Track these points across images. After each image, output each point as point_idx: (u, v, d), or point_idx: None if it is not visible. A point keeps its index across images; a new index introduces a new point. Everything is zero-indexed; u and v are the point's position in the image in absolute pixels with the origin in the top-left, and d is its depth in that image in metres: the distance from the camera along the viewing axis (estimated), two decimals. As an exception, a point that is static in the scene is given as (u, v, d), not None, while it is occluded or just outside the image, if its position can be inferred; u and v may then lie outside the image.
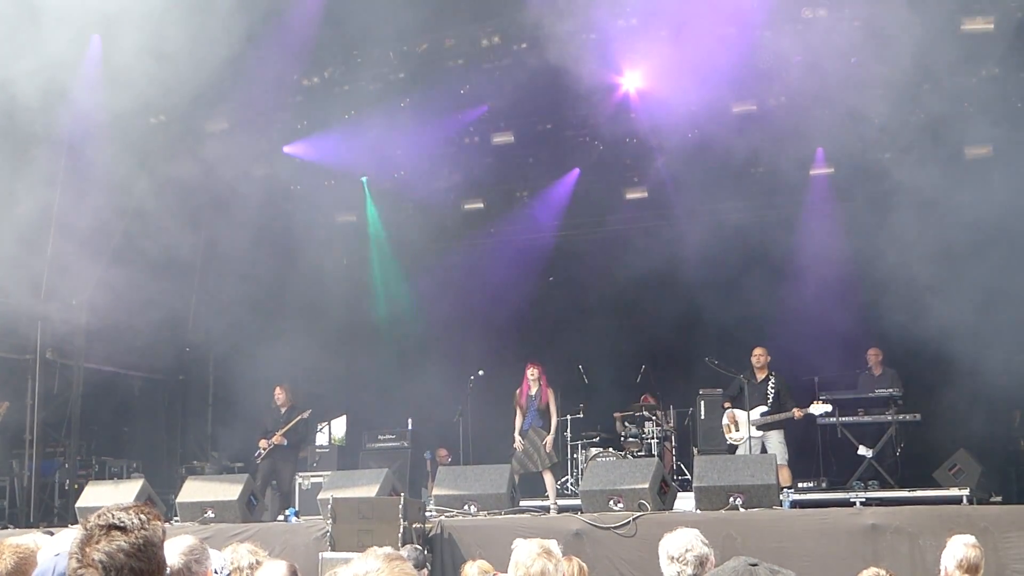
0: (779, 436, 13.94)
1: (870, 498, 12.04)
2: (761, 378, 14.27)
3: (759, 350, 14.44)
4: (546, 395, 13.90)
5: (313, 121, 17.33)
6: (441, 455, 17.50)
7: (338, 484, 12.33)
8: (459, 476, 12.39)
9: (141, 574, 2.89)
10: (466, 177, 18.43)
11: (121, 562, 2.86)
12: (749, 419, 13.87)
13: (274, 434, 14.93)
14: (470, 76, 16.02)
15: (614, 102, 16.01)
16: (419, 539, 10.25)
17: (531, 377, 14.01)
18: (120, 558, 2.86)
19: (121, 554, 2.87)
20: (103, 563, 2.85)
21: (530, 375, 14.02)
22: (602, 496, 10.90)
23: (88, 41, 13.83)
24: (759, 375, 14.30)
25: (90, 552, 2.87)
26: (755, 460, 11.70)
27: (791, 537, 9.65)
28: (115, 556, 2.86)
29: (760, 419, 13.88)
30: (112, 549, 2.86)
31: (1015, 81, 15.00)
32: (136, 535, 2.91)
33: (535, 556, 4.54)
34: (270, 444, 14.90)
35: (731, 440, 14.21)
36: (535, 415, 13.87)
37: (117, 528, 2.90)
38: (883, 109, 14.75)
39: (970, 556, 6.24)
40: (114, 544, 2.87)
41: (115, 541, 2.88)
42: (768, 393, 14.07)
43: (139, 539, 2.91)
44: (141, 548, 2.91)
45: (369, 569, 2.57)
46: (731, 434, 14.24)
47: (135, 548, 2.89)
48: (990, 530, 8.65)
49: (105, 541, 2.88)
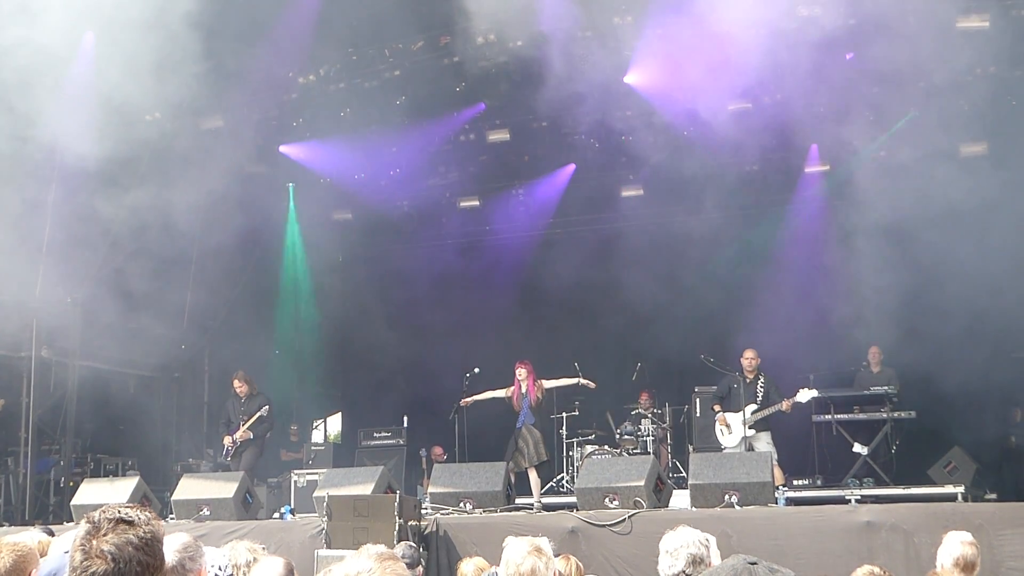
0: (767, 437, 14.06)
1: (865, 495, 12.06)
2: (751, 379, 14.37)
3: (750, 352, 14.53)
4: (535, 391, 14.14)
5: (308, 119, 17.32)
6: (436, 453, 17.51)
7: (334, 482, 12.31)
8: (455, 474, 12.39)
9: (147, 568, 2.90)
10: (462, 174, 18.43)
11: (130, 555, 2.87)
12: (744, 418, 13.91)
13: (238, 428, 14.81)
14: (466, 73, 16.03)
15: (610, 100, 16.00)
16: (415, 537, 10.25)
17: (520, 376, 14.28)
18: (129, 551, 2.87)
19: (130, 547, 2.87)
20: (112, 555, 2.85)
21: (519, 374, 14.30)
22: (598, 494, 10.90)
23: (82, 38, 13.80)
24: (748, 376, 14.40)
25: (98, 544, 2.87)
26: (750, 458, 11.72)
27: (786, 535, 9.66)
28: (124, 548, 2.87)
29: (752, 417, 13.95)
30: (121, 542, 2.87)
31: (1010, 79, 15.02)
32: (144, 529, 2.93)
33: (526, 554, 4.54)
34: (235, 442, 14.79)
35: (725, 445, 14.25)
36: (528, 413, 14.12)
37: (125, 522, 2.91)
38: (878, 106, 14.78)
39: (966, 553, 6.24)
40: (123, 537, 2.88)
41: (124, 534, 2.89)
42: (758, 392, 14.15)
43: (147, 533, 2.93)
44: (148, 543, 2.92)
45: (361, 569, 2.56)
46: (724, 438, 14.30)
47: (143, 542, 2.90)
48: (985, 527, 8.65)
49: (113, 534, 2.88)
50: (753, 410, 14.04)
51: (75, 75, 13.89)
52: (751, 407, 14.07)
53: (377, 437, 17.90)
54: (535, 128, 17.62)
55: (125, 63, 12.72)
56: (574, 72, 14.44)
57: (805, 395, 13.89)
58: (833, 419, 14.91)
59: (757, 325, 16.06)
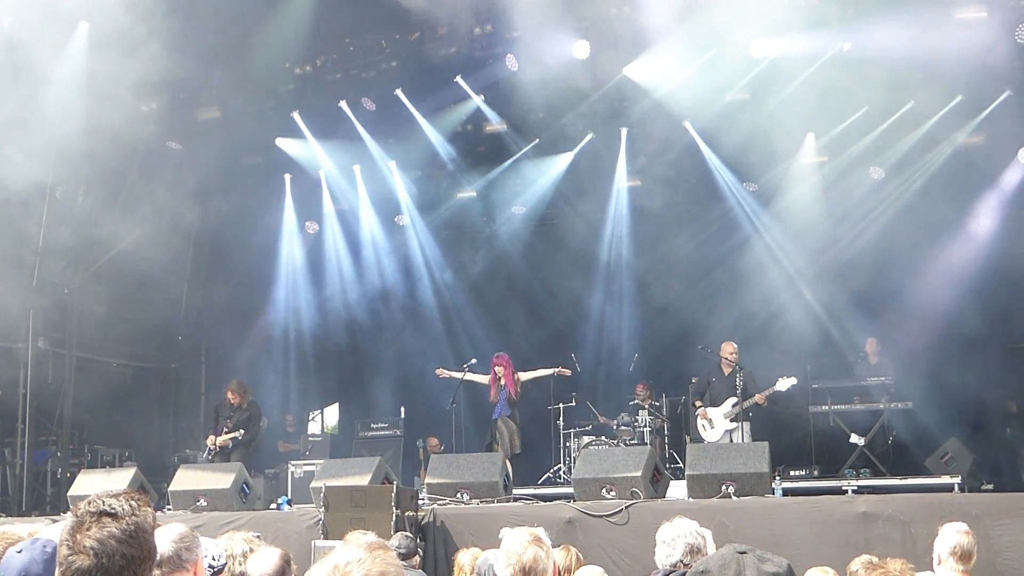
0: (748, 428, 14.18)
1: (862, 486, 12.06)
2: (728, 372, 14.38)
3: (729, 346, 14.57)
4: (512, 384, 14.55)
5: (305, 109, 17.28)
6: (432, 444, 17.49)
7: (331, 472, 12.30)
8: (452, 464, 12.38)
9: (132, 560, 2.88)
10: (459, 165, 18.39)
11: (112, 548, 2.85)
12: (741, 410, 13.92)
13: (223, 432, 14.78)
14: (463, 64, 16.00)
15: (607, 90, 15.98)
16: (412, 527, 10.25)
17: (498, 371, 14.71)
18: (111, 544, 2.85)
19: (112, 540, 2.85)
20: (94, 550, 2.83)
21: (497, 369, 14.70)
22: (595, 484, 10.90)
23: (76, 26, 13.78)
24: (726, 370, 14.43)
25: (81, 539, 2.85)
26: (747, 448, 11.71)
27: (783, 525, 9.66)
28: (106, 543, 2.85)
29: (733, 410, 14.01)
30: (103, 536, 2.85)
31: (1007, 70, 14.99)
32: (127, 522, 2.90)
33: (527, 544, 4.52)
34: (215, 445, 14.73)
35: (707, 441, 14.25)
36: (504, 404, 14.59)
37: (108, 515, 2.89)
38: (874, 96, 14.77)
39: (963, 543, 6.25)
40: (105, 531, 2.86)
41: (106, 528, 2.87)
42: (736, 386, 14.16)
43: (130, 525, 2.90)
44: (132, 535, 2.89)
45: (351, 559, 2.53)
46: (706, 433, 14.34)
47: (126, 535, 2.88)
48: (981, 518, 8.66)
49: (96, 528, 2.86)
50: (734, 403, 14.11)
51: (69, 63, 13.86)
52: (731, 400, 14.13)
53: (374, 428, 17.91)
54: (532, 119, 17.55)
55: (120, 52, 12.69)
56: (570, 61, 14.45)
57: (784, 383, 13.89)
58: (830, 410, 14.93)
59: (753, 314, 16.08)
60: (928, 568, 6.35)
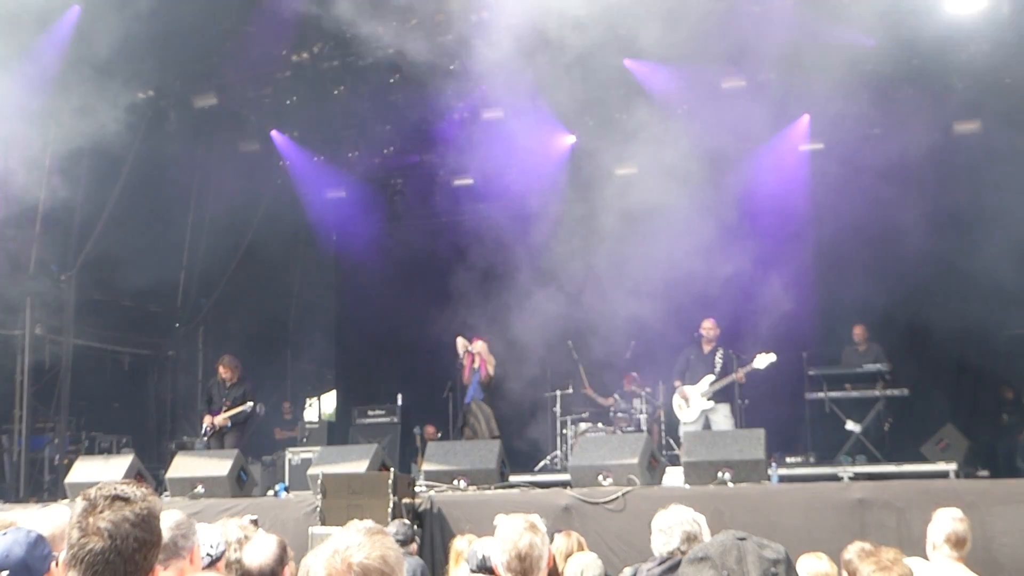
0: (726, 410, 14.00)
1: (858, 473, 12.11)
2: (708, 350, 14.31)
3: (709, 322, 14.46)
4: (485, 368, 14.47)
5: (302, 97, 17.24)
6: (429, 432, 17.51)
7: (328, 459, 12.31)
8: (449, 451, 12.39)
9: (144, 544, 2.94)
10: (456, 152, 18.36)
11: (126, 531, 2.90)
12: (703, 391, 13.90)
13: (219, 411, 14.73)
14: (460, 51, 15.94)
15: (605, 75, 15.94)
16: (409, 514, 10.26)
17: (473, 350, 14.65)
18: (125, 527, 2.90)
19: (127, 524, 2.91)
20: (109, 531, 2.88)
21: (473, 349, 14.65)
22: (591, 471, 10.92)
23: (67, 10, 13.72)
24: (706, 347, 14.34)
25: (94, 521, 2.90)
26: (743, 435, 11.72)
27: (779, 511, 9.68)
28: (120, 525, 2.90)
29: (709, 388, 13.96)
30: (118, 519, 2.91)
31: (1004, 57, 14.98)
32: (140, 506, 2.96)
33: (523, 531, 4.54)
34: (214, 425, 14.62)
35: (683, 420, 14.22)
36: (477, 388, 14.46)
37: (121, 499, 2.95)
38: (871, 83, 14.77)
39: (958, 529, 6.27)
40: (119, 514, 2.91)
41: (120, 511, 2.92)
42: (716, 363, 14.09)
43: (143, 510, 2.96)
44: (145, 519, 2.96)
45: (351, 543, 2.58)
46: (682, 412, 14.26)
47: (139, 519, 2.94)
48: (977, 504, 8.68)
49: (110, 511, 2.92)
50: (711, 381, 14.04)
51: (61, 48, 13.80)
52: (709, 377, 14.07)
53: (371, 415, 17.92)
54: (530, 106, 17.51)
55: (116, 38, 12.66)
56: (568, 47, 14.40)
57: (763, 360, 13.74)
58: (826, 396, 14.96)
59: (747, 302, 16.09)
60: (923, 555, 6.37)
